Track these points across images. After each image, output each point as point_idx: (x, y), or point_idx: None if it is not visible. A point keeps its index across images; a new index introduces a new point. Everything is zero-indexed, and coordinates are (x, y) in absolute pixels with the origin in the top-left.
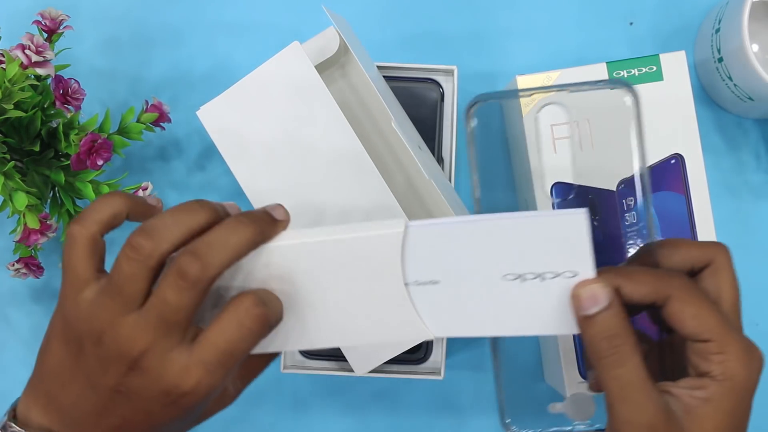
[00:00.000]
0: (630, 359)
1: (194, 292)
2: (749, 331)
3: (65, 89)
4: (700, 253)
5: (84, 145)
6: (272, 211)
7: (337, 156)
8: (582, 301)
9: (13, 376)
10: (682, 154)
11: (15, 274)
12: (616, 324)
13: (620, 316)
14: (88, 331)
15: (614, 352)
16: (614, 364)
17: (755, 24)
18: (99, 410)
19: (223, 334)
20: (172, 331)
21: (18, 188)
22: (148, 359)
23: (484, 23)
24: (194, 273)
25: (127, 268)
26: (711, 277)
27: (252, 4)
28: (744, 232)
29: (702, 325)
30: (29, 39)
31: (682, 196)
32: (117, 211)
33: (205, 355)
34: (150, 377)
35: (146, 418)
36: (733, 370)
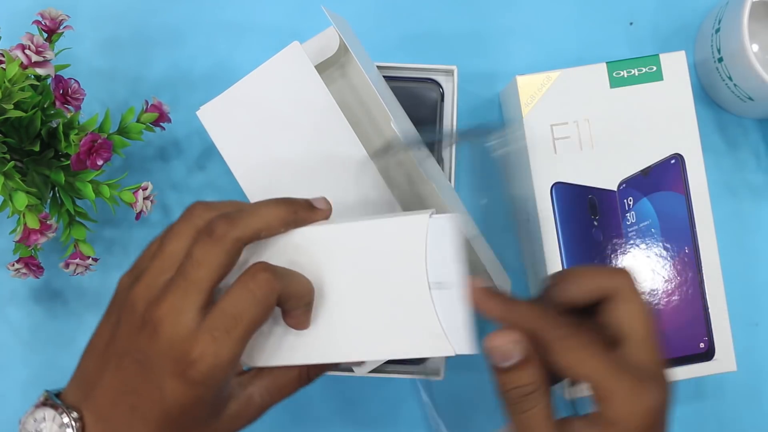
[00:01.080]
0: (535, 405)
1: (218, 250)
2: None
3: (65, 89)
4: (600, 284)
5: (84, 145)
6: (313, 200)
7: (337, 156)
8: (495, 355)
9: (14, 376)
10: (682, 154)
11: (15, 274)
12: (527, 376)
13: (532, 369)
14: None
15: (521, 400)
16: (520, 409)
17: (755, 24)
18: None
19: (230, 300)
20: (190, 291)
21: (18, 188)
22: (160, 317)
23: (484, 23)
24: (221, 231)
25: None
26: (615, 310)
27: (252, 5)
28: (744, 232)
29: (585, 371)
30: (29, 39)
31: (682, 196)
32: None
33: (212, 321)
34: (160, 338)
35: (159, 397)
36: (618, 414)
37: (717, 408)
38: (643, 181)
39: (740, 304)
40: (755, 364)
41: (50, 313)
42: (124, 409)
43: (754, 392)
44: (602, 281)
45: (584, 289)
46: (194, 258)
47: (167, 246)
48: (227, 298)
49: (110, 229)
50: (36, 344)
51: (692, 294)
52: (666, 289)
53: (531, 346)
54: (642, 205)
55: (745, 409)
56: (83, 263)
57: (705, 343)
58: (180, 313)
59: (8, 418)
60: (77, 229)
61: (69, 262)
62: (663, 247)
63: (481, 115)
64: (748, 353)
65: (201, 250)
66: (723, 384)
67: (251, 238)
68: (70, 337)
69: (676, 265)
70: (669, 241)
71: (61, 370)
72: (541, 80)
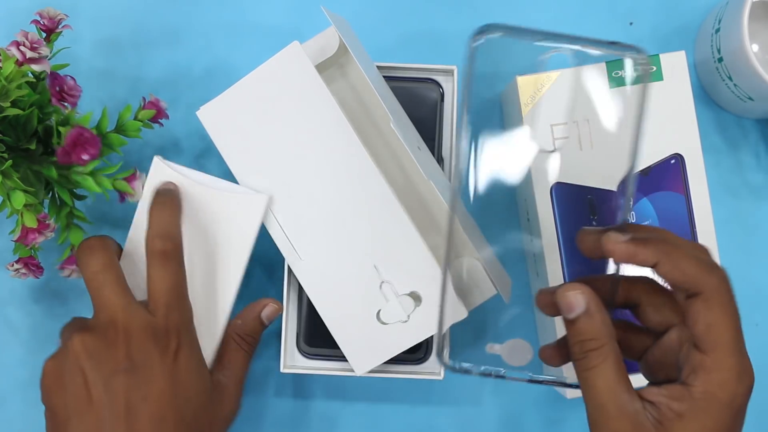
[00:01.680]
0: (601, 364)
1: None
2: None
3: (61, 86)
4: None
5: (69, 137)
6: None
7: (336, 156)
8: (562, 306)
9: (13, 376)
10: (682, 154)
11: (15, 274)
12: (590, 329)
13: (596, 322)
14: None
15: (586, 355)
16: (585, 366)
17: (755, 24)
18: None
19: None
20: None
21: (16, 187)
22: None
23: (484, 23)
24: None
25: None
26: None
27: (251, 5)
28: (744, 232)
29: (711, 337)
30: (24, 35)
31: (682, 196)
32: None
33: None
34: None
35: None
36: (715, 390)
37: None
38: (643, 180)
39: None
40: (755, 364)
41: (50, 313)
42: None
43: (755, 392)
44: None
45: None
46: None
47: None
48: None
49: (108, 231)
50: (36, 344)
51: None
52: None
53: (598, 300)
54: (642, 205)
55: None
56: None
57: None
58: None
59: (8, 418)
60: (74, 233)
61: (65, 267)
62: None
63: (481, 115)
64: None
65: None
66: None
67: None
68: None
69: None
70: None
71: None
72: (541, 80)
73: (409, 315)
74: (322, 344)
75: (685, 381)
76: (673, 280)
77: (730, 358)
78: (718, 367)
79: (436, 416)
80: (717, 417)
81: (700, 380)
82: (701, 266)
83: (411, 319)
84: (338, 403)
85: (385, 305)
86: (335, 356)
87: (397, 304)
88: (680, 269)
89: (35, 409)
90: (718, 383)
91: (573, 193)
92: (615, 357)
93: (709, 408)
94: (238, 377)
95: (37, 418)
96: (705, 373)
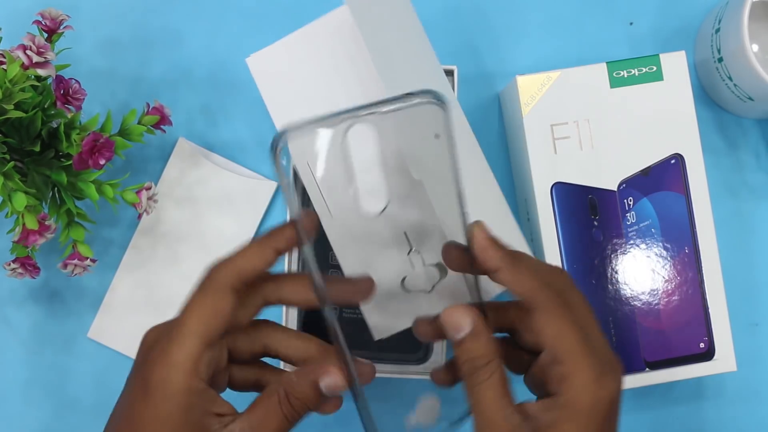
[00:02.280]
0: (487, 379)
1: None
2: (749, 331)
3: (66, 89)
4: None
5: (86, 144)
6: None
7: None
8: (448, 328)
9: (13, 376)
10: (682, 154)
11: (11, 274)
12: (477, 348)
13: (482, 340)
14: None
15: (473, 372)
16: (473, 382)
17: (755, 24)
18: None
19: (186, 304)
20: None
21: (17, 189)
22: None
23: (484, 23)
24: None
25: None
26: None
27: (252, 5)
28: (744, 232)
29: (558, 346)
30: (30, 40)
31: (682, 196)
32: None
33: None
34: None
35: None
36: (577, 397)
37: (717, 408)
38: (643, 181)
39: (740, 304)
40: (755, 364)
41: (49, 313)
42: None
43: (754, 392)
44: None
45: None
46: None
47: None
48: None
49: (108, 230)
50: (35, 344)
51: (692, 294)
52: (666, 289)
53: (482, 320)
54: (642, 205)
55: (745, 409)
56: (81, 264)
57: (705, 343)
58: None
59: (8, 418)
60: (76, 229)
61: (67, 263)
62: (663, 247)
63: (481, 115)
64: (748, 353)
65: (191, 297)
66: (723, 384)
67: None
68: (69, 338)
69: (676, 265)
70: (669, 241)
71: (61, 370)
72: (541, 80)
73: (433, 285)
74: None
75: (554, 392)
76: (513, 291)
77: (583, 364)
78: (573, 374)
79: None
80: (584, 423)
81: (563, 389)
82: (535, 279)
83: (434, 290)
84: None
85: (411, 272)
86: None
87: (423, 272)
88: (518, 280)
89: (35, 409)
90: (577, 390)
91: (573, 193)
92: (500, 373)
93: (574, 415)
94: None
95: (38, 418)
96: (565, 382)
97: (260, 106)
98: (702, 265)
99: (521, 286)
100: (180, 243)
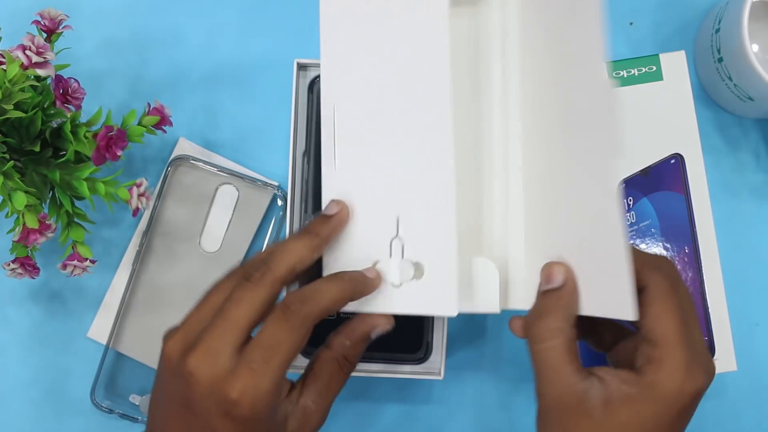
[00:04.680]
0: (552, 338)
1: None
2: (749, 331)
3: (65, 89)
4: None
5: (102, 139)
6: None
7: (419, 87)
8: (543, 275)
9: (13, 376)
10: (682, 154)
11: (10, 274)
12: (554, 304)
13: (562, 298)
14: None
15: (540, 328)
16: (537, 339)
17: (755, 24)
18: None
19: (266, 332)
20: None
21: (17, 188)
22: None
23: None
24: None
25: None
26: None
27: (252, 5)
28: (744, 232)
29: (657, 328)
30: (30, 40)
31: (682, 196)
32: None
33: (249, 355)
34: (198, 384)
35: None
36: (664, 382)
37: (717, 408)
38: (642, 180)
39: (740, 304)
40: (755, 364)
41: (49, 313)
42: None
43: (754, 392)
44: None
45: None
46: (233, 298)
47: (208, 297)
48: (262, 331)
49: (108, 230)
50: (35, 344)
51: (692, 294)
52: None
53: (575, 282)
54: (642, 205)
55: (745, 409)
56: (81, 265)
57: (705, 343)
58: (216, 354)
59: (8, 418)
60: (75, 230)
61: (67, 264)
62: (663, 247)
63: None
64: (748, 353)
65: (239, 290)
66: (723, 384)
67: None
68: (69, 337)
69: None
70: (669, 241)
71: (61, 370)
72: None
73: (402, 282)
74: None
75: (639, 369)
76: None
77: (678, 352)
78: (666, 359)
79: (436, 416)
80: (662, 408)
81: (650, 370)
82: (646, 262)
83: (403, 287)
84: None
85: (385, 260)
86: None
87: (396, 264)
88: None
89: (35, 409)
90: (666, 375)
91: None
92: (570, 336)
93: (656, 397)
94: (329, 402)
95: (38, 418)
96: (654, 364)
97: (260, 106)
98: (702, 265)
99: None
100: (180, 243)
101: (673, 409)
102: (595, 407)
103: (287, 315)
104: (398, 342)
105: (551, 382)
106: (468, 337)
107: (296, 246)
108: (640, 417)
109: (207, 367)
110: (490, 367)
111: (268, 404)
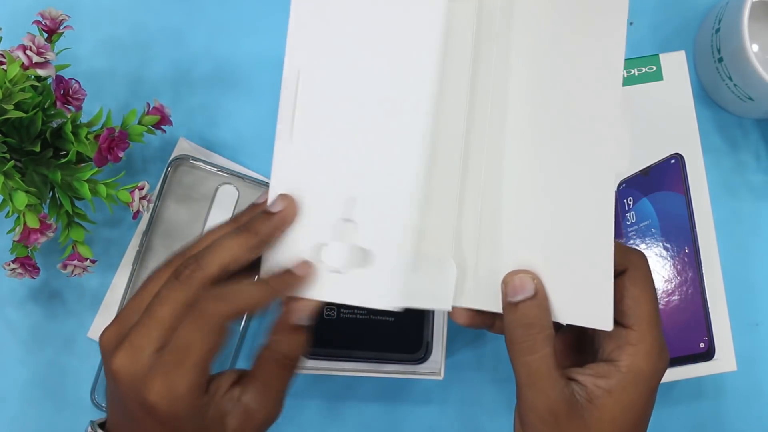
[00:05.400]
0: (541, 349)
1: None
2: (749, 331)
3: (66, 89)
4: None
5: (104, 141)
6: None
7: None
8: (509, 288)
9: (13, 376)
10: (682, 154)
11: (11, 274)
12: (536, 314)
13: (541, 307)
14: None
15: (527, 339)
16: (525, 351)
17: (755, 24)
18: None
19: (179, 334)
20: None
21: (18, 188)
22: (118, 365)
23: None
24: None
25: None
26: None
27: (252, 5)
28: (744, 232)
29: (636, 310)
30: (30, 40)
31: (682, 196)
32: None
33: (162, 358)
34: (122, 386)
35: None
36: (640, 364)
37: (717, 408)
38: (643, 180)
39: (740, 304)
40: (755, 364)
41: (49, 313)
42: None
43: (754, 392)
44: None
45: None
46: (160, 295)
47: (144, 287)
48: (176, 334)
49: (108, 230)
50: (35, 344)
51: (692, 294)
52: (666, 289)
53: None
54: (642, 205)
55: (745, 409)
56: (81, 265)
57: (705, 343)
58: (138, 352)
59: (8, 418)
60: (76, 230)
61: (67, 264)
62: (663, 247)
63: None
64: (748, 353)
65: (166, 289)
66: (723, 384)
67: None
68: (69, 338)
69: (676, 265)
70: (669, 241)
71: (61, 370)
72: None
73: (345, 269)
74: (322, 344)
75: (609, 358)
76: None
77: (653, 333)
78: (642, 341)
79: (436, 416)
80: (642, 389)
81: (626, 354)
82: (623, 246)
83: (346, 274)
84: (338, 403)
85: (330, 242)
86: (335, 356)
87: (341, 249)
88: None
89: (35, 409)
90: (643, 356)
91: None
92: (552, 345)
93: (636, 380)
94: (275, 399)
95: (38, 418)
96: (631, 347)
97: (260, 105)
98: (702, 265)
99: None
100: (180, 243)
101: (650, 388)
102: (584, 408)
103: (199, 315)
104: (398, 342)
105: (543, 392)
106: (468, 337)
107: (232, 245)
108: (625, 404)
109: (129, 365)
110: (490, 367)
111: (189, 405)
